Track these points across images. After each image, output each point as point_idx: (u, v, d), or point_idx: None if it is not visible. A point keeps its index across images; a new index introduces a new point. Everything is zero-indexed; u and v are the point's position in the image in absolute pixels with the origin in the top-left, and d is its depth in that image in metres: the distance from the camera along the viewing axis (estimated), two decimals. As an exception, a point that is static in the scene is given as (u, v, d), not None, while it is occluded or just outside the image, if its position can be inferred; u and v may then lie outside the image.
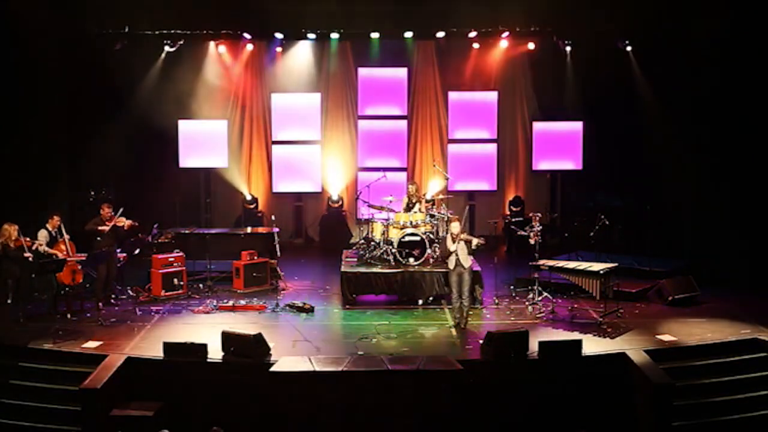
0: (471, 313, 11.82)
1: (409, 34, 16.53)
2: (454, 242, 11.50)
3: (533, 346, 10.38)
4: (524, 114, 17.68)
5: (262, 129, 17.64)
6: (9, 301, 11.64)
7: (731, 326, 11.50)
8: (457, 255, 11.54)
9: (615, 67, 16.08)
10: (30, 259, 11.50)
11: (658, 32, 15.43)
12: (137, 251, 13.48)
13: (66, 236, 12.21)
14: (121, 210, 12.64)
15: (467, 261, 11.58)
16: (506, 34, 16.39)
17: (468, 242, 11.52)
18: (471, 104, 17.56)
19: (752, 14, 13.94)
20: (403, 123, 17.59)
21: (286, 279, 14.18)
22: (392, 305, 12.81)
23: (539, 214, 12.99)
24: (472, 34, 16.48)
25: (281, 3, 15.69)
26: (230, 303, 12.76)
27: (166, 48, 16.48)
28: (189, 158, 17.18)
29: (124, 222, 12.64)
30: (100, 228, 12.41)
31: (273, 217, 14.38)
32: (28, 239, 11.67)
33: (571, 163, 17.34)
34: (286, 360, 10.11)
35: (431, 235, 13.32)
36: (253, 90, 17.51)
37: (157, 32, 15.95)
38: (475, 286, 12.21)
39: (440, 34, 16.55)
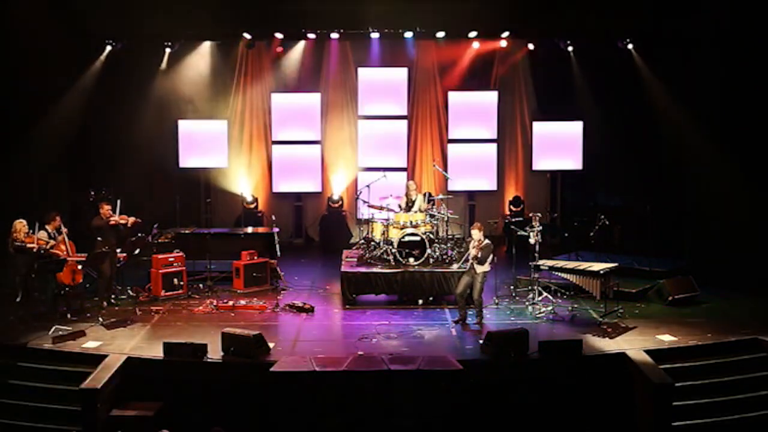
0: (483, 309, 11.92)
1: (409, 34, 16.53)
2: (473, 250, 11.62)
3: (533, 346, 10.39)
4: (524, 114, 17.67)
5: (262, 129, 17.63)
6: (18, 300, 11.63)
7: (731, 326, 11.50)
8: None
9: (616, 66, 16.07)
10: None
11: (659, 31, 15.42)
12: (137, 251, 13.47)
13: (66, 236, 12.20)
14: (118, 202, 12.62)
15: (480, 267, 11.67)
16: (506, 33, 16.37)
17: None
18: (471, 104, 17.54)
19: (753, 9, 13.91)
20: (403, 123, 17.58)
21: (286, 279, 14.19)
22: (392, 305, 12.80)
23: (539, 214, 12.97)
24: (473, 34, 16.47)
25: (281, 3, 15.68)
26: (230, 303, 12.76)
27: (167, 48, 16.50)
28: (189, 158, 17.19)
29: (128, 219, 12.64)
30: (110, 223, 12.36)
31: (273, 217, 14.40)
32: (41, 239, 11.63)
33: (571, 162, 17.34)
34: (286, 360, 10.12)
35: (431, 235, 13.31)
36: (253, 90, 17.50)
37: (157, 32, 15.93)
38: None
39: (440, 34, 16.55)
